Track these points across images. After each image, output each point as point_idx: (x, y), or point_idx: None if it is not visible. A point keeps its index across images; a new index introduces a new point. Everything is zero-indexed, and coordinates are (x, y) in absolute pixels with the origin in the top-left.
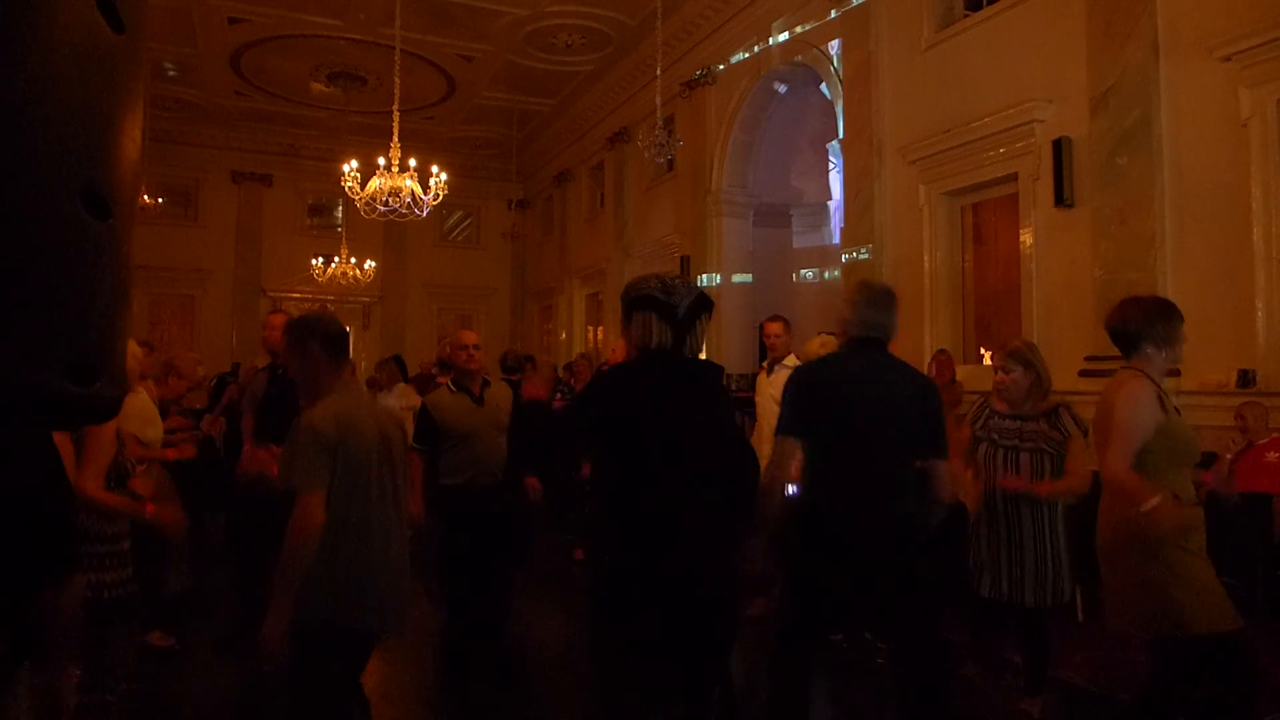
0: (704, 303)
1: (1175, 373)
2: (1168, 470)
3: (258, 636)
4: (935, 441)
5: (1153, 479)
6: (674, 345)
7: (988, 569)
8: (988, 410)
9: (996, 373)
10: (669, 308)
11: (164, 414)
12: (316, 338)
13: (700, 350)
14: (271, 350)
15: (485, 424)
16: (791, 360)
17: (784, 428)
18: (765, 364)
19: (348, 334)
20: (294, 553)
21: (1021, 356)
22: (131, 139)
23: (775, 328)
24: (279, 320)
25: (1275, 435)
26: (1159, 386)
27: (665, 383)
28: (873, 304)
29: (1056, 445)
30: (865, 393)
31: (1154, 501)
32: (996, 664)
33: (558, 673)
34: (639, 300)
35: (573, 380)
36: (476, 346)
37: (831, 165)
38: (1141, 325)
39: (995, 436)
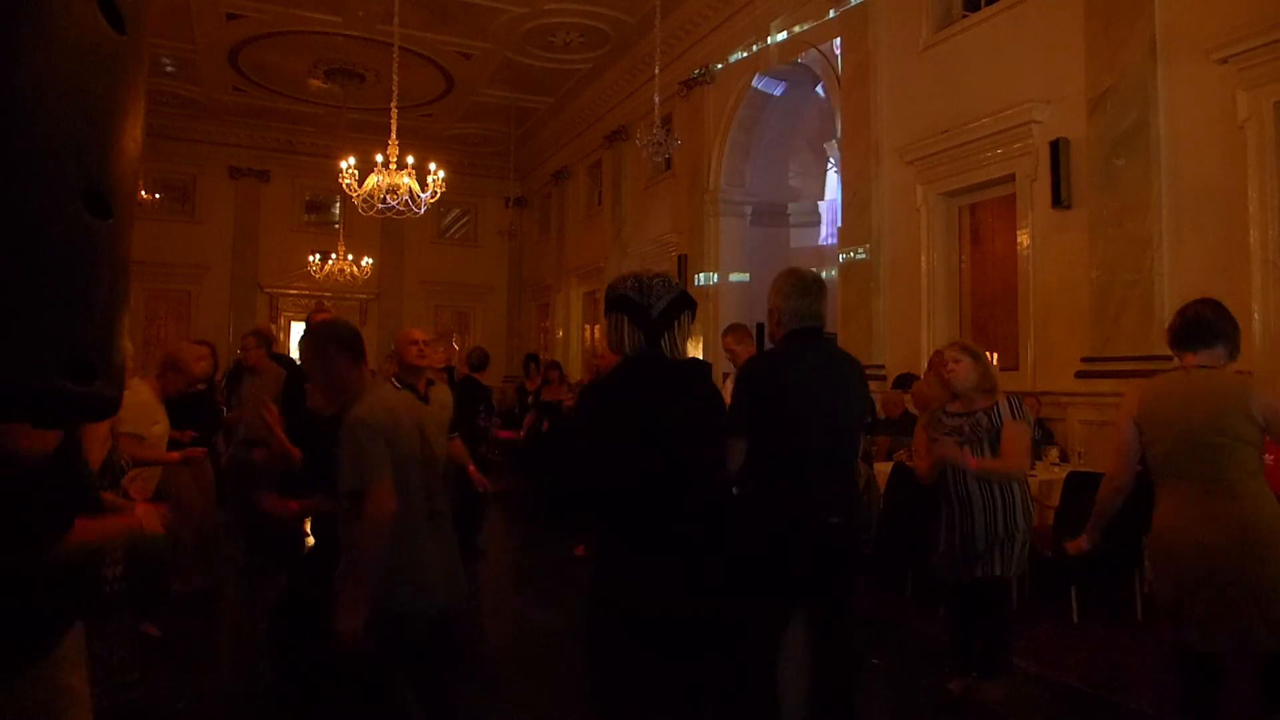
0: (684, 302)
1: None
2: (1260, 467)
3: (336, 628)
4: (867, 422)
5: (1258, 475)
6: (649, 348)
7: (943, 543)
8: (940, 410)
9: (946, 365)
10: (642, 309)
11: (181, 410)
12: (333, 342)
13: (682, 351)
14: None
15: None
16: None
17: (738, 429)
18: (725, 376)
19: (361, 336)
20: (372, 541)
21: (970, 348)
22: (133, 139)
23: (728, 341)
24: (251, 341)
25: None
26: None
27: (656, 392)
28: (805, 292)
29: (990, 435)
30: (824, 388)
31: None
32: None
33: (556, 667)
34: (612, 301)
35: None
36: (426, 343)
37: (829, 165)
38: (1224, 323)
39: (943, 433)
